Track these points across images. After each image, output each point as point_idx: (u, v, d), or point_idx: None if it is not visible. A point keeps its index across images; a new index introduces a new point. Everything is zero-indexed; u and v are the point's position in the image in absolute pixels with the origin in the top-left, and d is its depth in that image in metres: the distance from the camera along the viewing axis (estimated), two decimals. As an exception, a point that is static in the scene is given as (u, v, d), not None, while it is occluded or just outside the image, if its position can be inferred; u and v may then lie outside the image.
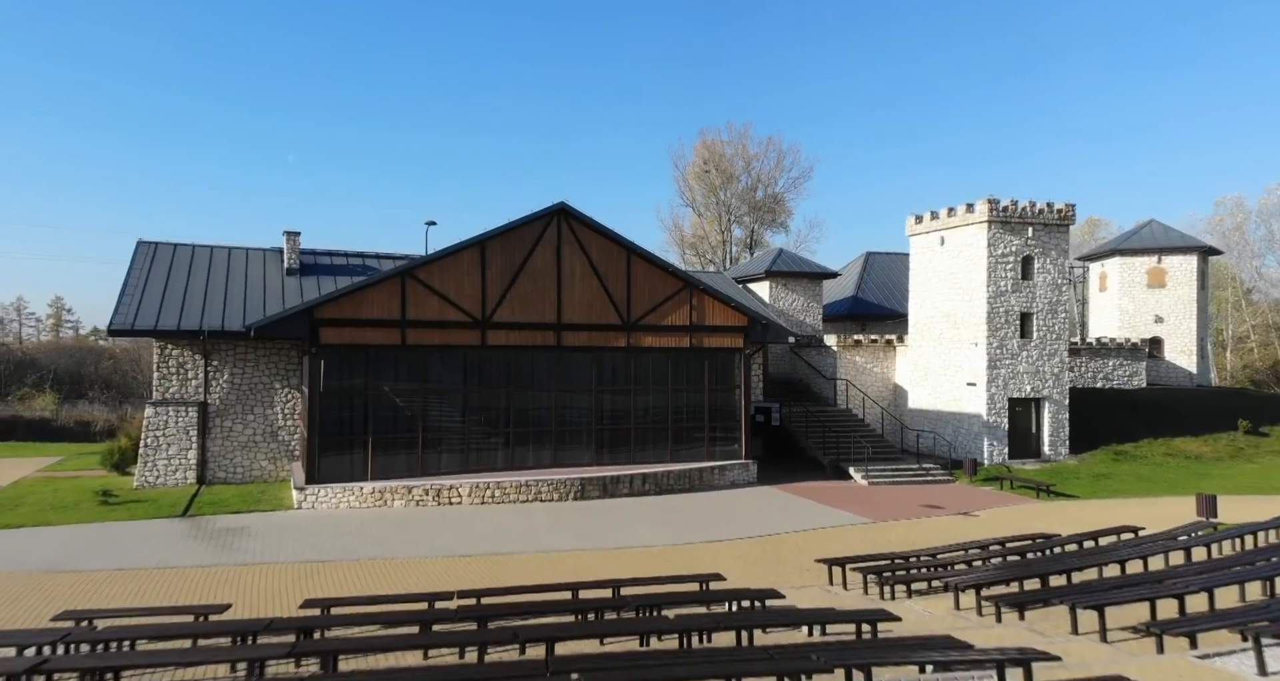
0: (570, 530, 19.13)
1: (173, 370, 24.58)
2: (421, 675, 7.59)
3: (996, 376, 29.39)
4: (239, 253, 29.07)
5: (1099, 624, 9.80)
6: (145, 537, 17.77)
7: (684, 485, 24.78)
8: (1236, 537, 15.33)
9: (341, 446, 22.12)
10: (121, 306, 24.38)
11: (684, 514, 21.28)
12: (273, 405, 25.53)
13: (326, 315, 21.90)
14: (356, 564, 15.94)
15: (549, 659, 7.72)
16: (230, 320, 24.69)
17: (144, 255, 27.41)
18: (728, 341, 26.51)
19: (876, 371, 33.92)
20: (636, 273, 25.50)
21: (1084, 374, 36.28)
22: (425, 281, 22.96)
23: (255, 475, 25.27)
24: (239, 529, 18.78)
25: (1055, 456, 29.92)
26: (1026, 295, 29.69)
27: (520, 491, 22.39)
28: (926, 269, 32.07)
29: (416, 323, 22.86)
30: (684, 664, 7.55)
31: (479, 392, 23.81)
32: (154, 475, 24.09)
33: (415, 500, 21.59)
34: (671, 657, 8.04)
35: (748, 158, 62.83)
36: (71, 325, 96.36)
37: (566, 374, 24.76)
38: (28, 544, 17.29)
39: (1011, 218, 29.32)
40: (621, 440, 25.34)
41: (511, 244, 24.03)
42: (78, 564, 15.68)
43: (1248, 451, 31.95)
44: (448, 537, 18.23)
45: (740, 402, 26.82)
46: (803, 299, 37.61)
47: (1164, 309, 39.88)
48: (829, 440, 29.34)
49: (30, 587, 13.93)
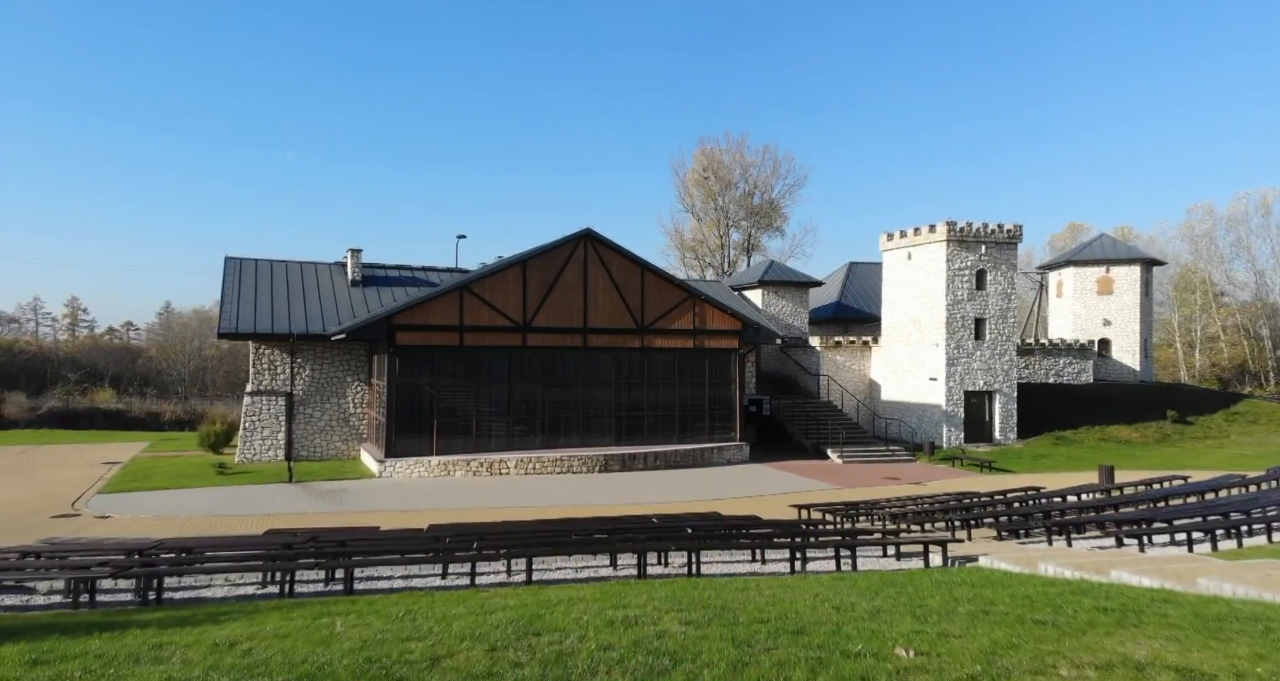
0: (599, 492, 24.23)
1: (265, 366, 29.68)
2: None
3: (954, 372, 34.53)
4: (309, 266, 34.17)
5: (969, 533, 14.93)
6: (272, 496, 22.86)
7: (688, 462, 29.88)
8: (1102, 491, 20.46)
9: (412, 428, 27.20)
10: (225, 313, 29.49)
11: (689, 482, 26.40)
12: (345, 396, 30.65)
13: (401, 321, 26.98)
14: (441, 511, 20.98)
15: (614, 539, 12.80)
16: (311, 324, 29.80)
17: (232, 269, 32.47)
18: (725, 343, 31.61)
19: (854, 368, 39.03)
20: (649, 285, 30.58)
21: (1037, 371, 41.42)
22: (478, 293, 28.03)
23: (331, 454, 30.39)
24: (340, 491, 23.88)
25: (1005, 441, 35.07)
26: (980, 303, 34.83)
27: (556, 464, 27.51)
28: (896, 280, 37.20)
29: (471, 327, 27.94)
30: (700, 538, 12.66)
31: (521, 385, 28.89)
32: (252, 453, 29.20)
33: (472, 471, 26.70)
34: (691, 539, 13.14)
35: (745, 165, 67.29)
36: (87, 324, 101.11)
37: (591, 370, 29.85)
38: (182, 501, 22.32)
39: (967, 237, 34.45)
40: (637, 426, 30.44)
41: (547, 263, 29.11)
42: (232, 511, 20.74)
43: (1173, 437, 37.10)
44: (505, 496, 23.32)
45: (736, 395, 31.92)
46: (791, 305, 42.71)
47: (1111, 313, 44.98)
48: (812, 427, 34.47)
49: (211, 526, 18.96)
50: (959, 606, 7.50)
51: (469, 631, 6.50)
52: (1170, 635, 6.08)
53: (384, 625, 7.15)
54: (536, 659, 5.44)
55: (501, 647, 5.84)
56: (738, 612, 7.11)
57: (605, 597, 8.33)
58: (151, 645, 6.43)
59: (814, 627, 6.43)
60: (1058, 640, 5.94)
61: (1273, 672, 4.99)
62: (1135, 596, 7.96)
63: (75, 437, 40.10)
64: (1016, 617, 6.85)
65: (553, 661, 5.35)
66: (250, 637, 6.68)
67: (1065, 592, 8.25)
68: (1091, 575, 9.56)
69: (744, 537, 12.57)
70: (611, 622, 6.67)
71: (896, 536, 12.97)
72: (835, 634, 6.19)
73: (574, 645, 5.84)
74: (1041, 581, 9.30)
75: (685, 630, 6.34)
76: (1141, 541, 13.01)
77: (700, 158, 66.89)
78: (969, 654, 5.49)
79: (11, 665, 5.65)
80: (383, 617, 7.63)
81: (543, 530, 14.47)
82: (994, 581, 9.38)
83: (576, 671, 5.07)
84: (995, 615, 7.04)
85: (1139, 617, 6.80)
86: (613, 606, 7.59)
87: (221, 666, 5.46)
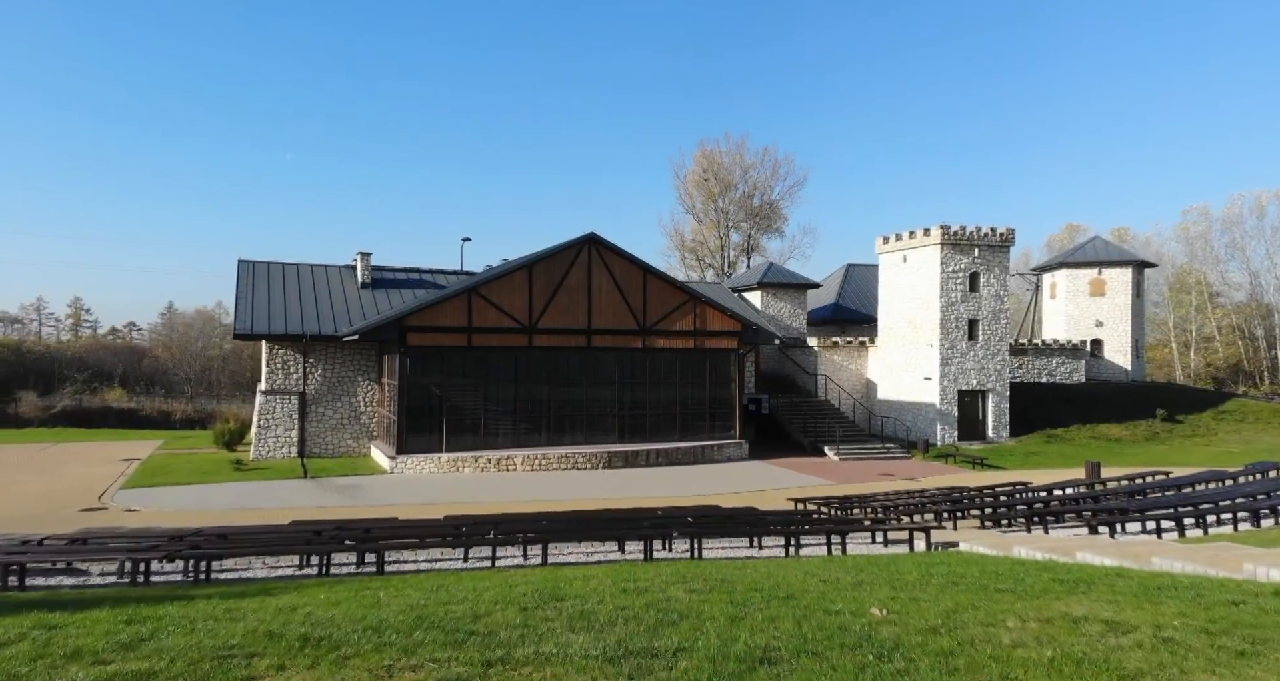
0: (604, 488, 25.13)
1: (279, 366, 30.61)
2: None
3: (948, 372, 35.46)
4: (320, 269, 35.09)
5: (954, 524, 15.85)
6: (290, 491, 23.78)
7: (689, 459, 30.79)
8: (1085, 486, 21.40)
9: (422, 426, 28.11)
10: (240, 315, 30.42)
11: (690, 478, 27.33)
12: (355, 395, 31.58)
13: (412, 322, 27.91)
14: (453, 505, 21.90)
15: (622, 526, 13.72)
16: (323, 325, 30.73)
17: (246, 272, 33.38)
18: (725, 343, 32.53)
19: (851, 368, 39.96)
20: (650, 287, 31.50)
21: (1031, 370, 42.35)
22: (486, 296, 28.96)
23: (342, 451, 31.32)
24: (354, 486, 24.81)
25: (997, 439, 36.00)
26: (974, 305, 35.76)
27: (561, 461, 28.43)
28: (892, 282, 38.12)
29: (479, 329, 28.85)
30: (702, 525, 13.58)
31: (527, 385, 29.80)
32: (266, 450, 30.12)
33: (481, 468, 27.62)
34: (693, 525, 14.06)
35: (745, 166, 68.09)
36: (90, 324, 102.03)
37: (595, 370, 30.77)
38: (204, 495, 23.25)
39: (960, 240, 35.38)
40: (639, 424, 31.36)
41: (552, 266, 30.03)
42: (252, 505, 21.65)
43: (1162, 435, 38.04)
44: (513, 491, 24.23)
45: (735, 394, 32.85)
46: (789, 306, 43.64)
47: (1104, 314, 45.90)
48: (810, 425, 35.40)
49: (235, 519, 19.87)
50: (932, 580, 8.43)
51: (500, 597, 7.43)
52: (1111, 599, 7.00)
53: (422, 595, 8.07)
54: (563, 615, 6.37)
55: (531, 608, 6.77)
56: (736, 584, 8.04)
57: (617, 575, 9.25)
58: (222, 610, 7.35)
59: (802, 594, 7.36)
60: (1011, 603, 6.87)
61: (1187, 624, 5.91)
62: (1092, 572, 8.88)
63: (90, 436, 41.05)
64: (981, 586, 7.78)
65: (578, 617, 6.28)
66: (307, 604, 7.60)
67: (1031, 570, 9.18)
68: (1059, 557, 10.48)
69: (742, 525, 13.50)
70: (625, 590, 7.60)
71: (884, 524, 13.91)
72: (821, 598, 7.12)
73: (594, 607, 6.76)
74: (1012, 562, 10.22)
75: (690, 596, 7.27)
76: (1113, 529, 13.94)
77: (700, 159, 67.77)
78: (933, 612, 6.42)
79: (109, 623, 6.56)
80: (419, 590, 8.56)
81: (554, 520, 15.39)
82: (969, 561, 10.30)
83: (599, 623, 5.99)
84: (963, 586, 7.97)
85: (1089, 587, 7.73)
86: (624, 581, 8.52)
87: (293, 622, 6.38)
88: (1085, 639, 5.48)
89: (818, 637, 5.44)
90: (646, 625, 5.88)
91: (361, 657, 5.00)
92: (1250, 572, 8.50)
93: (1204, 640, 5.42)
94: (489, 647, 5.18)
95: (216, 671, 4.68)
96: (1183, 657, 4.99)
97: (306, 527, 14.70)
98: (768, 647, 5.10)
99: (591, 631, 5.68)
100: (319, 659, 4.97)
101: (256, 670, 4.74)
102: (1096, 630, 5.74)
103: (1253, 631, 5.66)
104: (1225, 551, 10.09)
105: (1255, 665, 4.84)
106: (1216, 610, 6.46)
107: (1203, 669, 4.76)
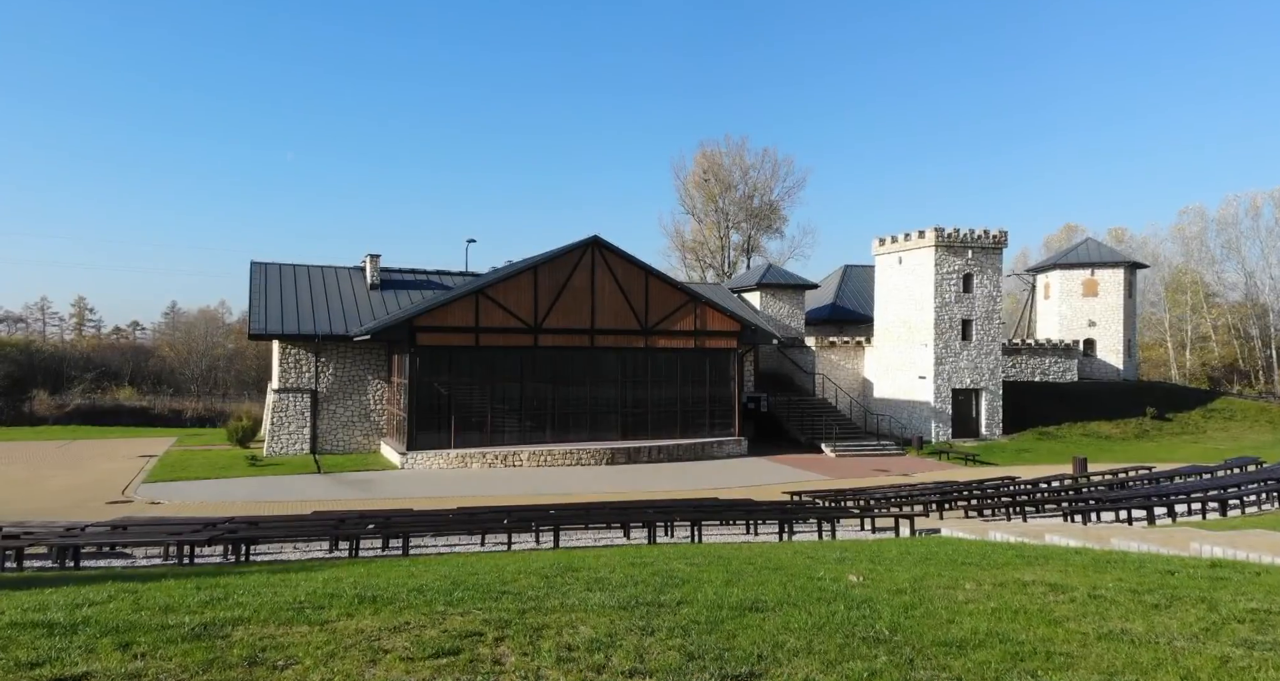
0: (607, 482, 26.09)
1: (291, 365, 31.55)
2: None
3: (942, 371, 36.39)
4: (330, 270, 36.04)
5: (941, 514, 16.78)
6: (304, 485, 24.73)
7: (690, 455, 31.72)
8: (1070, 479, 22.32)
9: (431, 423, 29.05)
10: (253, 315, 31.36)
11: (691, 473, 28.27)
12: (365, 393, 32.52)
13: (421, 323, 28.84)
14: (463, 498, 22.77)
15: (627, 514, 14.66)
16: (334, 325, 31.67)
17: (258, 273, 34.32)
18: (725, 343, 33.46)
19: (848, 367, 40.90)
20: (652, 289, 32.42)
21: (1024, 369, 43.28)
22: (493, 297, 29.89)
23: (353, 447, 32.26)
24: (367, 480, 25.75)
25: (990, 436, 36.93)
26: (967, 305, 36.69)
27: (566, 457, 29.37)
28: (887, 283, 39.05)
29: (486, 329, 29.79)
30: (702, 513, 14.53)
31: (532, 383, 30.73)
32: (279, 446, 31.07)
33: (488, 463, 28.57)
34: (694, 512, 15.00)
35: (745, 168, 68.90)
36: (94, 324, 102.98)
37: (598, 369, 31.71)
38: (223, 488, 24.19)
39: (954, 242, 36.30)
40: (641, 421, 32.29)
41: (557, 267, 30.97)
42: (270, 497, 22.61)
43: (1151, 433, 38.97)
44: (520, 485, 25.17)
45: (735, 393, 33.78)
46: (788, 306, 44.58)
47: (1096, 315, 46.82)
48: (807, 423, 36.35)
49: (255, 510, 20.81)
50: (909, 557, 9.37)
51: (522, 569, 8.38)
52: (1061, 569, 7.94)
53: (450, 569, 9.02)
54: (581, 581, 7.32)
55: (551, 576, 7.72)
56: (731, 559, 8.99)
57: (625, 554, 10.20)
58: (277, 580, 8.29)
59: (790, 566, 8.31)
60: (974, 572, 7.81)
61: (1120, 586, 6.84)
62: (1054, 551, 9.82)
63: (104, 433, 41.98)
64: (950, 561, 8.72)
65: (593, 582, 7.23)
66: (349, 576, 8.54)
67: (1000, 549, 10.12)
68: (1029, 539, 11.41)
69: (740, 513, 14.43)
70: (633, 564, 8.56)
71: (872, 513, 14.83)
72: (806, 569, 8.07)
73: (606, 575, 7.71)
74: (985, 544, 11.16)
75: (690, 568, 8.22)
76: (1086, 517, 14.87)
77: (701, 160, 68.60)
78: (903, 579, 7.36)
79: (181, 589, 7.49)
80: (447, 565, 9.52)
81: (562, 510, 16.33)
82: (946, 543, 11.25)
83: (612, 585, 6.94)
84: (935, 561, 8.91)
85: (1046, 561, 8.67)
86: (632, 557, 9.47)
87: (344, 587, 7.31)
88: (1028, 596, 6.42)
89: (800, 595, 6.38)
90: (653, 587, 6.82)
91: (413, 609, 5.93)
92: (1196, 550, 9.43)
93: (1130, 597, 6.35)
94: (521, 600, 6.12)
95: (298, 617, 5.61)
96: (1106, 608, 5.92)
97: (330, 516, 15.65)
98: (756, 600, 6.05)
99: (606, 590, 6.62)
100: (379, 609, 5.91)
101: (329, 616, 5.67)
102: (1040, 591, 6.68)
103: (1174, 591, 6.59)
104: (1179, 533, 11.01)
105: (1165, 614, 5.77)
106: (1151, 577, 7.40)
107: (1120, 616, 5.68)
